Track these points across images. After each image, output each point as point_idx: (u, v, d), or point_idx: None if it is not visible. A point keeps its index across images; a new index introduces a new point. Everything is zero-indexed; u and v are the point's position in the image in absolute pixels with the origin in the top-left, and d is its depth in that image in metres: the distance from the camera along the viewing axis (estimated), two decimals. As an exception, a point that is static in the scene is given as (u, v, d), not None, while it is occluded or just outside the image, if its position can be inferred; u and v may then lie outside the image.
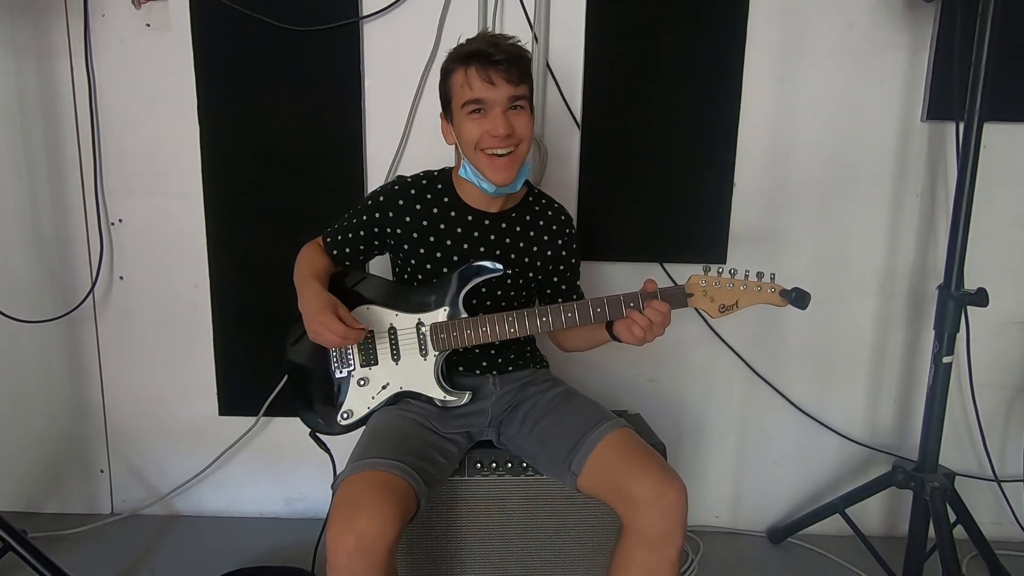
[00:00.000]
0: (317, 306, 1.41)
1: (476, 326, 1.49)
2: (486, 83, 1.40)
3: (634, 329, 1.42)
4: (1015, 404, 2.16)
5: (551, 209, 1.65)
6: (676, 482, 1.36)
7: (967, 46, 1.67)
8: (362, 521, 1.21)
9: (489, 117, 1.42)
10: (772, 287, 1.42)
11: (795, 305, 1.41)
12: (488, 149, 1.43)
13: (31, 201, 2.06)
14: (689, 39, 1.95)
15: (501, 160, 1.44)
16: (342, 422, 1.54)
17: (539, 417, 1.55)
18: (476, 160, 1.46)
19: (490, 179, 1.45)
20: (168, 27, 1.95)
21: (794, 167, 2.03)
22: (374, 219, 1.55)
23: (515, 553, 1.61)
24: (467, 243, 1.55)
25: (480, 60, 1.40)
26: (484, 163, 1.45)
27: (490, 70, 1.39)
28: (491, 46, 1.40)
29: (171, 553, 2.05)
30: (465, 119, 1.44)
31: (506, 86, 1.40)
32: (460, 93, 1.43)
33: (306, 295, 1.47)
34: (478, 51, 1.40)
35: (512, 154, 1.44)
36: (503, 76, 1.39)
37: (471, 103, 1.42)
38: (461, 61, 1.42)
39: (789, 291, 1.41)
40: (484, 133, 1.42)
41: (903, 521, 1.92)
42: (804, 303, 1.40)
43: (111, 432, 2.20)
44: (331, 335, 1.38)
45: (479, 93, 1.40)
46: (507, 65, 1.39)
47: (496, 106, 1.41)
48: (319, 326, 1.39)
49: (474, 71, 1.40)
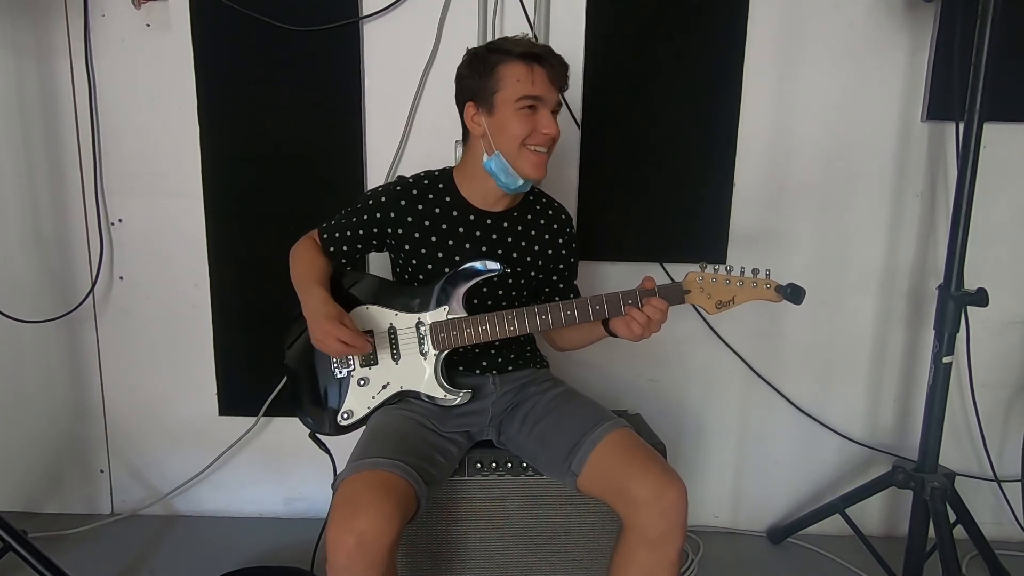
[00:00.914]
0: (323, 314, 1.42)
1: (476, 325, 1.49)
2: (550, 84, 1.46)
3: (632, 326, 1.44)
4: (1015, 404, 2.16)
5: (552, 208, 1.65)
6: (676, 482, 1.36)
7: (967, 46, 1.67)
8: (362, 521, 1.21)
9: (540, 115, 1.46)
10: (768, 283, 1.44)
11: (790, 300, 1.42)
12: (534, 146, 1.47)
13: (31, 201, 2.06)
14: (689, 39, 1.95)
15: (543, 157, 1.49)
16: (342, 422, 1.54)
17: (539, 417, 1.55)
18: (518, 155, 1.48)
19: (528, 175, 1.49)
20: (168, 27, 1.95)
21: (794, 167, 2.03)
22: (375, 219, 1.55)
23: (515, 553, 1.61)
24: (469, 243, 1.55)
25: (541, 60, 1.46)
26: (527, 158, 1.47)
27: (549, 70, 1.46)
28: (546, 50, 1.49)
29: (171, 553, 2.05)
30: (516, 113, 1.46)
31: (556, 91, 1.49)
32: (517, 87, 1.45)
33: (311, 302, 1.46)
34: (536, 52, 1.47)
35: (548, 153, 1.50)
36: (556, 78, 1.48)
37: (529, 98, 1.45)
38: (523, 58, 1.45)
39: (784, 287, 1.43)
40: (535, 130, 1.46)
41: (903, 521, 1.92)
42: (799, 298, 1.41)
43: (111, 432, 2.20)
44: (336, 343, 1.39)
45: (540, 91, 1.45)
46: (562, 71, 1.49)
47: (548, 106, 1.47)
48: (324, 335, 1.40)
49: (542, 71, 1.46)
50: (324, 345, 1.41)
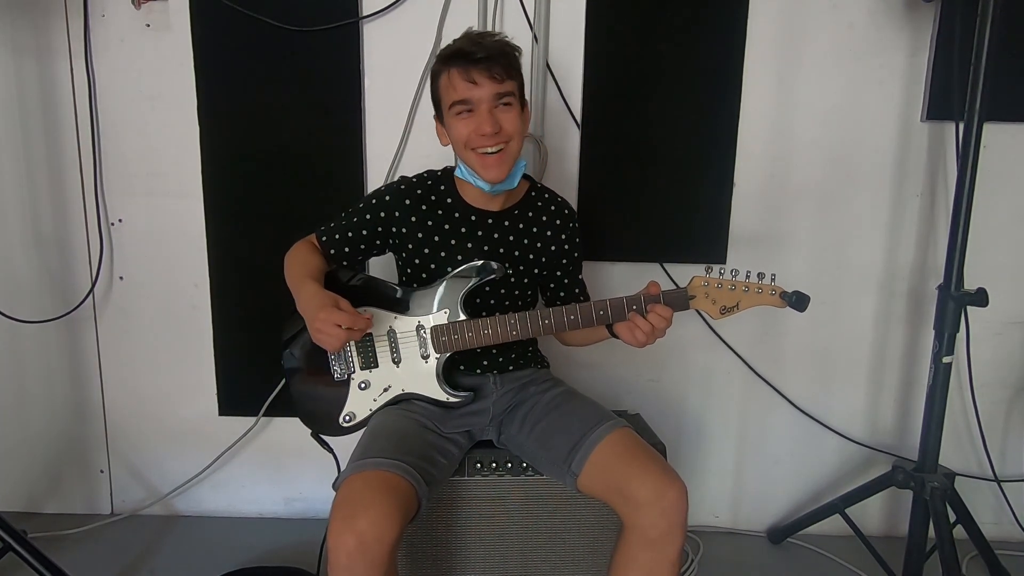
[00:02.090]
0: (317, 304, 1.36)
1: (478, 328, 1.48)
2: (468, 83, 1.41)
3: (637, 334, 1.43)
4: (1015, 404, 2.16)
5: (554, 203, 1.65)
6: (677, 482, 1.36)
7: (967, 46, 1.67)
8: (363, 521, 1.21)
9: (476, 116, 1.43)
10: (773, 289, 1.43)
11: (795, 308, 1.42)
12: (478, 148, 1.44)
13: (31, 201, 2.06)
14: (689, 39, 1.95)
15: (491, 158, 1.44)
16: (344, 425, 1.54)
17: (539, 417, 1.54)
18: (468, 159, 1.47)
19: (483, 177, 1.46)
20: (168, 27, 1.95)
21: (794, 167, 2.03)
22: (379, 219, 1.55)
23: (515, 553, 1.61)
24: (471, 243, 1.55)
25: (461, 60, 1.41)
26: (475, 161, 1.46)
27: (471, 69, 1.40)
28: (473, 44, 1.42)
29: (171, 553, 2.05)
30: (454, 119, 1.45)
31: (490, 84, 1.41)
32: (446, 94, 1.45)
33: (304, 296, 1.43)
34: (459, 51, 1.42)
35: (503, 151, 1.45)
36: (485, 74, 1.40)
37: (457, 104, 1.43)
38: (444, 62, 1.45)
39: (789, 294, 1.42)
40: (472, 132, 1.43)
41: (903, 521, 1.92)
42: (803, 306, 1.41)
43: (111, 432, 2.20)
44: (335, 330, 1.32)
45: (463, 93, 1.42)
46: (488, 63, 1.40)
47: (482, 104, 1.42)
48: (321, 323, 1.33)
49: (456, 72, 1.42)
50: (323, 335, 1.34)
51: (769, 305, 1.44)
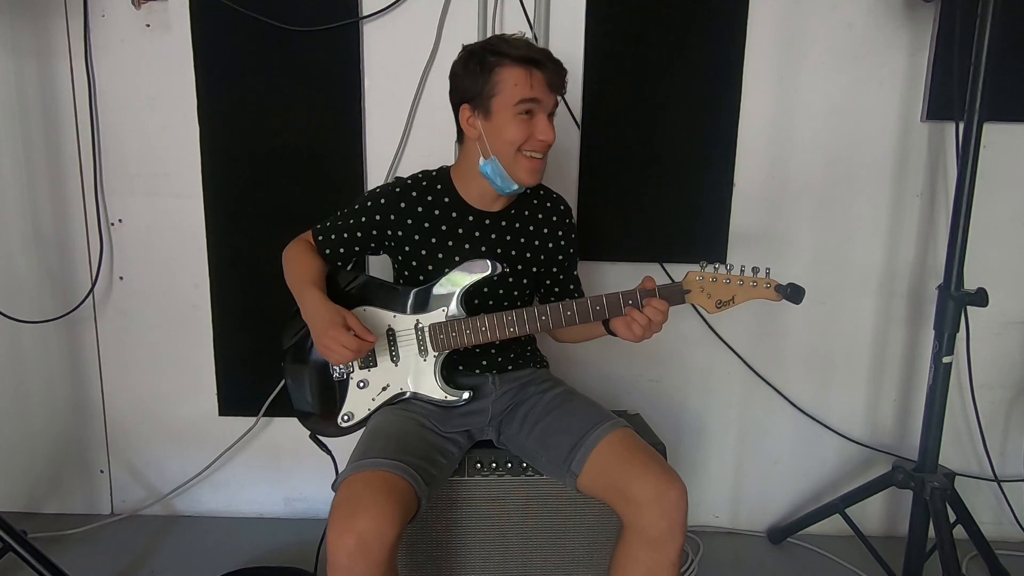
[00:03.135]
0: (327, 320, 1.40)
1: (476, 326, 1.49)
2: (547, 88, 1.45)
3: (634, 328, 1.43)
4: (1015, 404, 2.16)
5: (550, 200, 1.66)
6: (677, 482, 1.36)
7: (967, 46, 1.67)
8: (362, 521, 1.21)
9: (537, 120, 1.45)
10: (767, 282, 1.44)
11: (790, 300, 1.42)
12: (530, 151, 1.46)
13: (31, 201, 2.06)
14: (689, 39, 1.95)
15: (538, 163, 1.48)
16: (342, 424, 1.54)
17: (539, 417, 1.54)
18: (514, 160, 1.47)
19: (523, 180, 1.48)
20: (168, 27, 1.95)
21: (794, 167, 2.03)
22: (374, 221, 1.55)
23: (515, 553, 1.61)
24: (469, 243, 1.55)
25: (544, 66, 1.44)
26: (523, 164, 1.47)
27: (547, 74, 1.44)
28: (541, 53, 1.46)
29: (171, 553, 2.05)
30: (513, 118, 1.44)
31: (552, 94, 1.47)
32: (515, 91, 1.43)
33: (309, 304, 1.45)
34: (543, 57, 1.45)
35: (544, 158, 1.49)
36: (554, 82, 1.46)
37: (527, 101, 1.43)
38: (522, 62, 1.43)
39: (784, 286, 1.42)
40: (532, 135, 1.45)
41: (903, 521, 1.92)
42: (799, 298, 1.41)
43: (111, 432, 2.20)
44: (343, 350, 1.37)
45: (539, 95, 1.44)
46: (561, 75, 1.47)
47: (545, 111, 1.46)
48: (330, 340, 1.38)
49: (541, 75, 1.44)
50: (330, 353, 1.40)
51: (764, 298, 1.44)
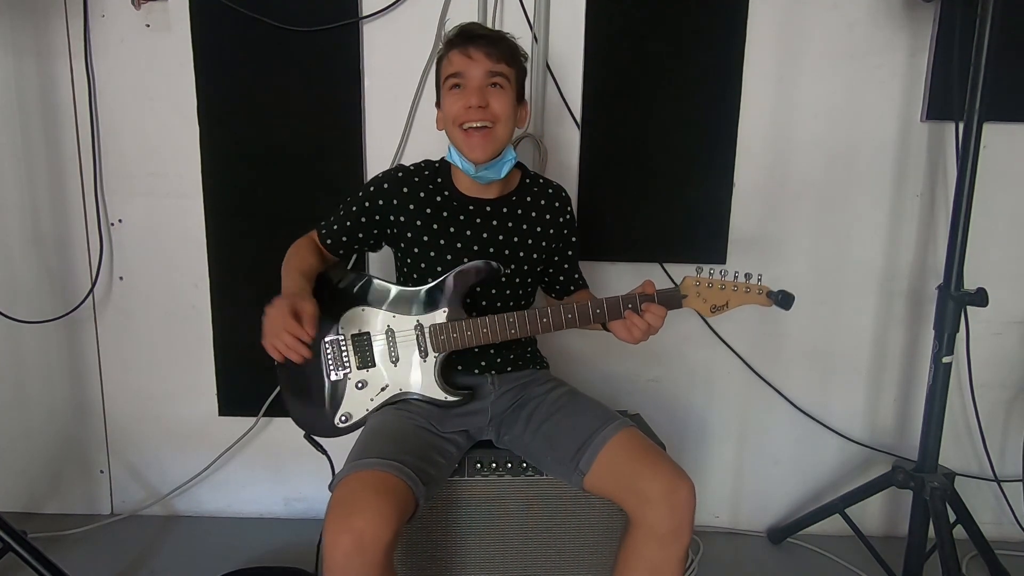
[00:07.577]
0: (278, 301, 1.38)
1: (476, 327, 1.48)
2: (464, 57, 1.45)
3: (633, 332, 1.44)
4: (1015, 404, 2.16)
5: (550, 188, 1.66)
6: (687, 480, 1.37)
7: (967, 46, 1.67)
8: (358, 521, 1.21)
9: (465, 91, 1.46)
10: (760, 288, 1.46)
11: (780, 306, 1.45)
12: (465, 123, 1.46)
13: (31, 201, 2.06)
14: (689, 39, 1.95)
15: (476, 136, 1.46)
16: (340, 425, 1.54)
17: (544, 416, 1.54)
18: (455, 137, 1.49)
19: (467, 156, 1.48)
20: (168, 27, 1.95)
21: (794, 167, 2.03)
22: (377, 206, 1.55)
23: (515, 553, 1.61)
24: (468, 231, 1.55)
25: (462, 37, 1.47)
26: (461, 139, 1.48)
27: (469, 46, 1.45)
28: (476, 27, 1.48)
29: (171, 553, 2.05)
30: (447, 96, 1.49)
31: (485, 61, 1.44)
32: (443, 71, 1.49)
33: (283, 287, 1.48)
34: (462, 30, 1.47)
35: (489, 130, 1.46)
36: (483, 51, 1.44)
37: (451, 77, 1.47)
38: (451, 45, 1.48)
39: (776, 293, 1.45)
40: (461, 107, 1.46)
41: (903, 521, 1.92)
42: (788, 304, 1.44)
43: (111, 432, 2.20)
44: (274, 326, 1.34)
45: (457, 67, 1.46)
46: (486, 42, 1.45)
47: (473, 80, 1.45)
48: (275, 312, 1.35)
49: (464, 47, 1.46)
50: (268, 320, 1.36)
51: (756, 304, 1.46)
